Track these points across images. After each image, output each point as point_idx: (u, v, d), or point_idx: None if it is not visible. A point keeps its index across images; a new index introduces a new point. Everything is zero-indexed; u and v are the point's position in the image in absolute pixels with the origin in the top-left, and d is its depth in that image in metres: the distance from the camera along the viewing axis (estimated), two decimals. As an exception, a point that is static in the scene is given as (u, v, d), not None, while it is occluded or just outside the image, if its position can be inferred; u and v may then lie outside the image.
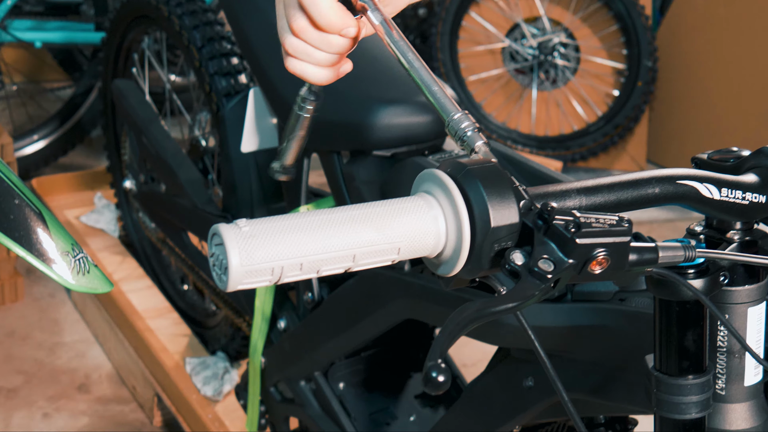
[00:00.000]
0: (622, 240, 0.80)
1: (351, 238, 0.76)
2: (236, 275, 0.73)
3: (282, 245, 0.74)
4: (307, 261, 0.75)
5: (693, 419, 0.99)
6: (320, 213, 0.77)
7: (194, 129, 2.43)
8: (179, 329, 2.53)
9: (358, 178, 1.54)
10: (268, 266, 0.74)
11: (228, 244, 0.73)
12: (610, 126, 4.26)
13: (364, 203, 0.80)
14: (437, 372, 0.71)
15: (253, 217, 2.03)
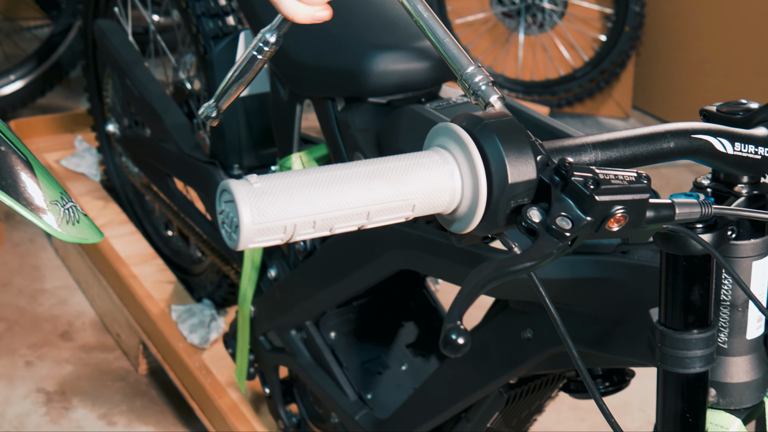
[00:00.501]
0: (641, 197, 0.77)
1: (365, 194, 0.73)
2: (248, 233, 0.70)
3: (295, 202, 0.71)
4: (320, 218, 0.72)
5: (696, 373, 0.98)
6: (333, 168, 0.74)
7: (179, 72, 2.37)
8: (164, 276, 2.49)
9: (353, 125, 1.50)
10: (280, 224, 0.71)
11: (239, 201, 0.70)
12: (597, 71, 4.22)
13: (378, 158, 0.76)
14: (456, 334, 0.68)
15: (242, 163, 2.00)
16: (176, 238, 2.65)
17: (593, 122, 4.33)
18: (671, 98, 4.28)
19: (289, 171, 0.73)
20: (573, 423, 2.43)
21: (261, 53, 1.27)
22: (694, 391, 1.01)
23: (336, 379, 1.73)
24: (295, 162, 1.65)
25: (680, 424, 1.02)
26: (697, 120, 0.97)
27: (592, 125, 4.30)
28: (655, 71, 4.30)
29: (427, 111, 1.41)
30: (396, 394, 1.74)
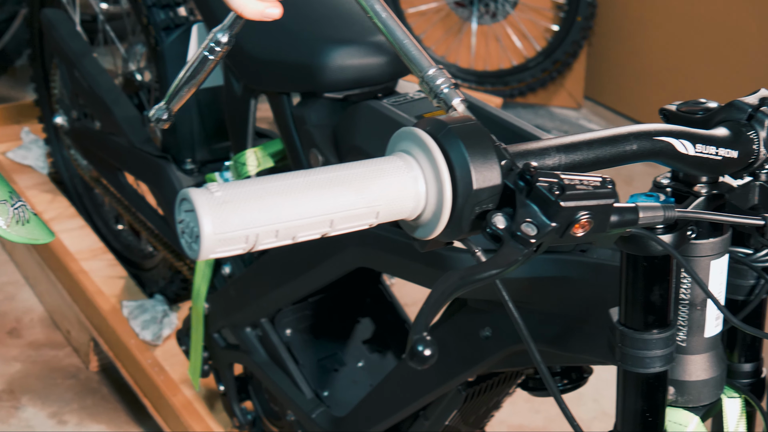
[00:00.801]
0: (606, 202, 0.76)
1: (329, 202, 0.72)
2: (209, 244, 0.68)
3: (257, 211, 0.69)
4: (283, 227, 0.70)
5: (656, 373, 0.99)
6: (296, 175, 0.72)
7: (129, 62, 2.33)
8: (115, 271, 2.45)
9: (309, 121, 1.48)
10: (242, 234, 0.69)
11: (200, 211, 0.68)
12: (549, 62, 4.23)
13: (341, 164, 0.75)
14: (423, 345, 0.67)
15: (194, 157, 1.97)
16: (127, 232, 2.61)
17: (545, 112, 4.34)
18: (623, 88, 4.30)
19: (250, 179, 0.72)
20: (528, 415, 2.44)
21: (212, 53, 1.25)
22: (653, 391, 1.01)
23: (292, 377, 1.71)
24: (249, 157, 1.63)
25: (640, 423, 1.02)
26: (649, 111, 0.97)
27: (545, 115, 4.31)
28: (607, 61, 4.32)
29: (384, 107, 1.40)
30: (353, 391, 1.73)
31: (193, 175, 1.96)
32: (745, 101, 0.98)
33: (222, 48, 1.22)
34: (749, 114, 0.97)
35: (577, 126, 4.24)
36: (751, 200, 1.04)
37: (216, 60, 1.24)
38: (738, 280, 1.10)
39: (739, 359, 1.15)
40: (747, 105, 0.97)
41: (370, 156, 1.38)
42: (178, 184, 1.92)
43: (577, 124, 4.26)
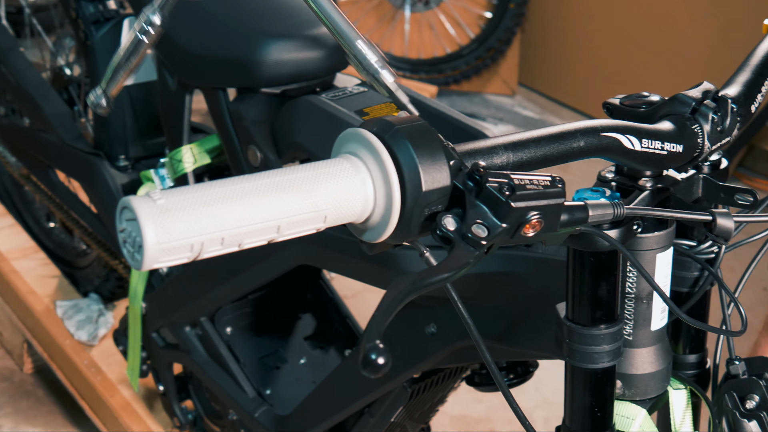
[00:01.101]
0: (556, 202, 0.75)
1: (275, 207, 0.70)
2: (152, 254, 0.66)
3: (201, 218, 0.67)
4: (229, 234, 0.68)
5: (604, 368, 0.98)
6: (241, 180, 0.70)
7: (58, 57, 2.27)
8: (47, 270, 2.40)
9: (247, 117, 1.45)
10: (187, 242, 0.66)
11: (142, 220, 0.65)
12: (483, 49, 4.24)
13: (286, 168, 0.72)
14: (376, 353, 0.66)
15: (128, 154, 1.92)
16: (59, 229, 2.55)
17: (480, 100, 4.35)
18: (556, 75, 4.32)
19: (194, 185, 0.69)
20: (470, 405, 2.44)
21: (146, 36, 1.22)
22: (601, 385, 1.01)
23: (233, 376, 1.68)
24: (185, 154, 1.59)
25: (589, 419, 1.02)
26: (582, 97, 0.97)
27: (479, 103, 4.32)
28: (540, 48, 4.33)
29: (323, 102, 1.37)
30: (296, 388, 1.71)
31: (127, 172, 1.92)
32: (689, 95, 0.98)
33: (155, 30, 1.18)
34: (693, 107, 0.96)
35: (512, 113, 4.25)
36: (695, 193, 1.04)
37: (149, 44, 1.20)
38: (682, 272, 1.10)
39: (683, 350, 1.15)
40: (690, 98, 0.97)
41: (310, 152, 1.36)
42: (112, 181, 1.88)
43: (512, 111, 4.27)
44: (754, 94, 1.02)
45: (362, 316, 1.91)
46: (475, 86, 4.36)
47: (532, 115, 4.24)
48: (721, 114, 0.96)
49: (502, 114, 4.22)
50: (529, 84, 4.44)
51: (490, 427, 2.38)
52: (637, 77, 3.95)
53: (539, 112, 4.28)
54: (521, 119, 4.18)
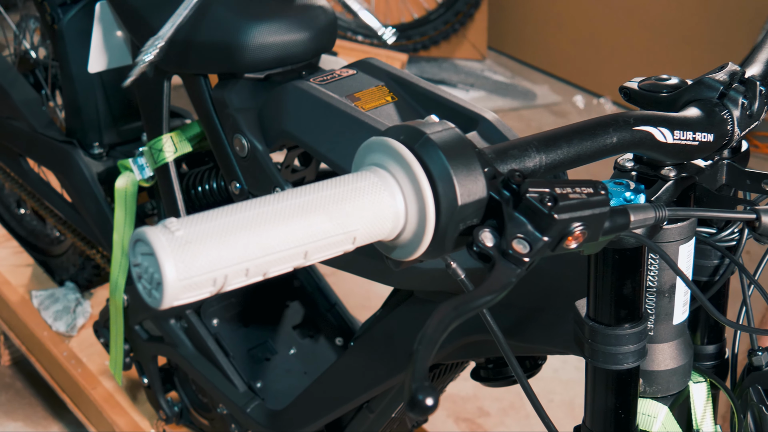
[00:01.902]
0: (601, 211, 0.70)
1: (302, 231, 0.63)
2: (173, 291, 0.59)
3: (224, 249, 0.60)
4: (253, 265, 0.62)
5: (628, 368, 0.94)
6: (264, 203, 0.64)
7: (22, 40, 2.18)
8: (21, 259, 2.32)
9: (231, 104, 1.38)
10: (209, 277, 0.60)
11: (160, 255, 0.59)
12: (451, 13, 4.17)
13: (311, 186, 0.66)
14: (424, 394, 0.60)
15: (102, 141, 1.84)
16: (30, 216, 2.47)
17: (450, 65, 4.29)
18: (526, 37, 4.27)
19: (212, 210, 0.63)
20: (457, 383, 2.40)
21: None
22: (625, 386, 0.97)
23: (222, 369, 1.63)
24: (166, 143, 1.53)
25: (612, 420, 0.98)
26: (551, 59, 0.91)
27: (449, 69, 4.26)
28: (509, 11, 4.27)
29: (312, 87, 1.31)
30: (287, 380, 1.66)
31: (102, 160, 1.85)
32: (715, 78, 0.93)
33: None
34: (721, 92, 0.91)
35: (483, 78, 4.19)
36: (719, 180, 0.99)
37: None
38: (702, 261, 1.06)
39: (702, 341, 1.11)
40: (718, 82, 0.92)
41: (301, 141, 1.30)
42: (87, 170, 1.81)
43: (482, 75, 4.21)
44: (776, 72, 0.97)
45: (343, 294, 1.86)
46: (444, 52, 4.29)
47: (503, 79, 4.19)
48: (749, 97, 0.91)
49: (473, 79, 4.16)
50: (498, 48, 4.38)
51: (478, 406, 2.35)
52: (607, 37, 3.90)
53: (510, 76, 4.22)
54: (492, 84, 4.13)
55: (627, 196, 0.89)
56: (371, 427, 1.43)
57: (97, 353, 2.07)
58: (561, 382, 2.43)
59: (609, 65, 3.89)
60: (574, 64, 4.09)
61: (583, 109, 3.95)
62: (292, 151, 1.41)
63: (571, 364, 2.49)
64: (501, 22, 4.30)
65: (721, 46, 3.55)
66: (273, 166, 1.34)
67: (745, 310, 1.03)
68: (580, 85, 4.09)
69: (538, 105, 3.99)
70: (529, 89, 4.10)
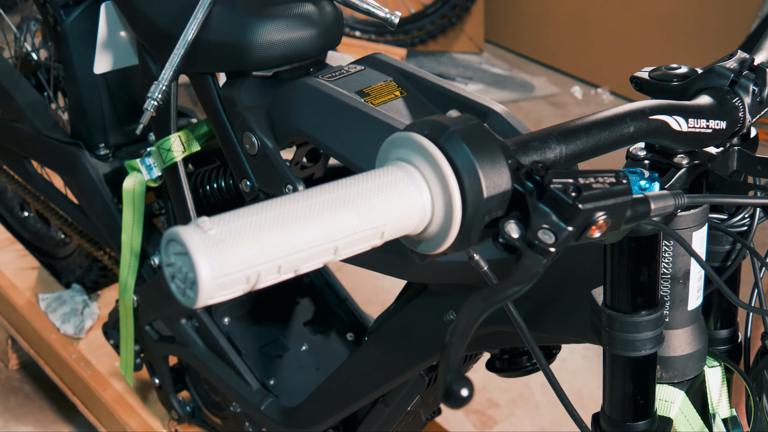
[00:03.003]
0: (624, 200, 0.71)
1: (332, 227, 0.64)
2: (208, 290, 0.60)
3: (257, 247, 0.61)
4: (286, 262, 0.63)
5: (646, 355, 0.95)
6: (294, 200, 0.64)
7: (23, 42, 2.18)
8: (26, 262, 2.32)
9: (240, 103, 1.38)
10: (243, 275, 0.61)
11: (195, 254, 0.59)
12: (448, 7, 4.17)
13: (338, 182, 0.67)
14: (459, 385, 0.61)
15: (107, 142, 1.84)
16: (34, 218, 2.47)
17: (447, 59, 4.29)
18: (523, 29, 4.27)
19: (244, 209, 0.63)
20: (465, 374, 2.41)
21: None
22: (643, 373, 0.98)
23: (235, 368, 1.63)
24: (174, 143, 1.53)
25: (630, 406, 0.99)
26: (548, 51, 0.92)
27: (447, 62, 4.26)
28: (505, 3, 4.28)
29: (321, 84, 1.31)
30: (300, 376, 1.66)
31: (108, 161, 1.85)
32: (726, 66, 0.93)
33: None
34: (732, 80, 0.92)
35: (481, 71, 4.20)
36: (731, 166, 1.00)
37: None
38: (713, 247, 1.07)
39: (715, 326, 1.12)
40: (728, 70, 0.93)
41: (312, 137, 1.30)
42: (93, 171, 1.81)
43: (480, 68, 4.22)
44: (786, 60, 0.98)
45: (351, 288, 1.86)
46: (442, 45, 4.30)
47: (501, 71, 4.19)
48: (760, 84, 0.92)
49: (471, 72, 4.16)
50: (495, 40, 4.39)
51: (487, 398, 2.36)
52: (603, 27, 3.91)
53: (507, 68, 4.23)
54: (490, 76, 4.13)
55: (642, 184, 0.89)
56: (387, 421, 1.43)
57: (107, 355, 2.08)
58: (569, 371, 2.44)
59: (606, 55, 3.90)
60: (571, 55, 4.10)
61: (581, 99, 3.95)
62: (302, 148, 1.42)
63: (578, 354, 2.50)
64: (497, 15, 4.30)
65: (717, 35, 3.56)
66: (283, 163, 1.35)
67: (756, 292, 1.04)
68: (577, 76, 4.09)
69: (536, 96, 3.99)
70: (527, 81, 4.10)
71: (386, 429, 1.44)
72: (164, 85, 1.39)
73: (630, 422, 0.99)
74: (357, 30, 4.14)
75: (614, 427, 1.00)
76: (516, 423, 2.29)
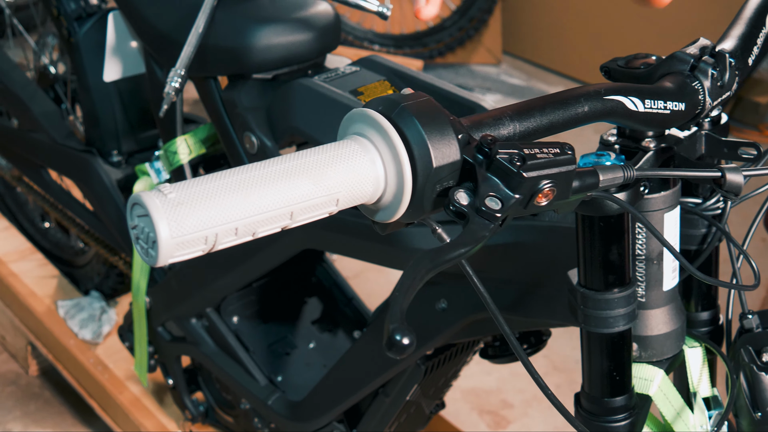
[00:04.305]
0: (567, 169, 0.75)
1: (287, 193, 0.69)
2: (167, 249, 0.65)
3: (214, 210, 0.66)
4: (242, 224, 0.67)
5: (620, 331, 0.98)
6: (251, 169, 0.69)
7: (41, 56, 2.25)
8: (46, 271, 2.38)
9: (240, 104, 1.44)
10: (201, 235, 0.66)
11: (154, 215, 0.64)
12: (465, 19, 4.22)
13: (295, 153, 0.72)
14: (401, 334, 0.65)
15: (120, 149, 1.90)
16: (54, 229, 2.54)
17: (466, 71, 4.33)
18: (540, 40, 4.31)
19: (204, 176, 0.68)
20: (480, 377, 2.44)
21: None
22: (618, 349, 1.01)
23: (243, 365, 1.68)
24: (180, 146, 1.58)
25: (608, 383, 1.02)
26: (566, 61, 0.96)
27: (465, 74, 4.31)
28: (522, 14, 4.32)
29: (318, 85, 1.36)
30: (307, 373, 1.70)
31: (121, 167, 1.91)
32: (686, 52, 0.97)
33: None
34: (692, 65, 0.96)
35: (499, 82, 4.24)
36: (699, 150, 1.03)
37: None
38: (689, 230, 1.10)
39: (696, 308, 1.15)
40: (689, 56, 0.96)
41: (309, 135, 1.35)
42: (107, 177, 1.87)
43: (498, 79, 4.26)
44: (750, 47, 1.01)
45: (366, 295, 1.90)
46: (460, 57, 4.34)
47: (519, 82, 4.23)
48: (720, 69, 0.96)
49: (489, 84, 4.21)
50: (513, 51, 4.42)
51: (501, 399, 2.38)
52: (622, 37, 3.94)
53: (526, 79, 4.26)
54: (508, 87, 4.17)
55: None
56: (388, 412, 1.47)
57: (123, 359, 2.13)
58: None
59: (622, 64, 3.92)
60: (588, 65, 4.13)
61: (599, 108, 3.97)
62: (300, 147, 1.46)
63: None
64: (515, 26, 4.34)
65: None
66: (281, 160, 1.40)
67: (733, 272, 1.06)
68: (594, 86, 4.12)
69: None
70: (545, 91, 4.14)
71: (388, 419, 1.48)
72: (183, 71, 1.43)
73: (608, 398, 1.02)
74: (376, 44, 4.20)
75: (593, 404, 1.03)
76: (529, 423, 2.32)
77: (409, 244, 1.27)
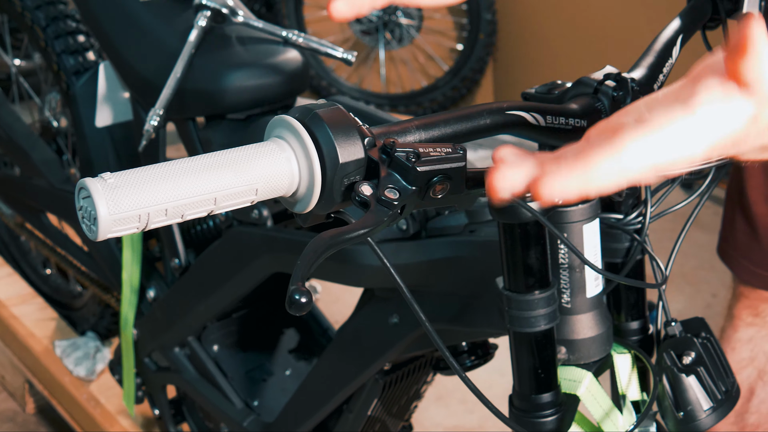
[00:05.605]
0: (457, 165, 0.86)
1: (211, 182, 0.81)
2: (105, 224, 0.77)
3: (146, 193, 0.78)
4: (171, 206, 0.79)
5: (543, 331, 1.08)
6: (181, 162, 0.81)
7: (44, 110, 2.39)
8: (45, 313, 2.50)
9: (215, 141, 1.57)
10: (134, 213, 0.78)
11: (95, 196, 0.76)
12: (458, 79, 4.37)
13: (222, 150, 0.83)
14: (299, 294, 0.76)
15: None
16: (55, 275, 2.66)
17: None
18: (530, 100, 4.44)
19: (141, 167, 0.80)
20: (463, 415, 2.52)
21: None
22: (542, 348, 1.10)
23: (222, 390, 1.78)
24: (162, 183, 1.70)
25: (534, 381, 1.11)
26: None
27: (459, 132, 4.44)
28: (513, 74, 4.46)
29: (283, 120, 1.48)
30: (282, 398, 1.80)
31: (113, 209, 2.02)
32: (592, 77, 1.09)
33: None
34: (595, 88, 1.07)
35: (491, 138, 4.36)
36: None
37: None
38: (614, 244, 1.20)
39: (626, 318, 1.25)
40: (593, 80, 1.08)
41: None
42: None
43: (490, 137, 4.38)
44: (656, 75, 1.12)
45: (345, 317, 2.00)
46: (454, 116, 4.48)
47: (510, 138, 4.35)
48: (622, 92, 1.07)
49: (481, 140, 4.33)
50: (505, 111, 4.55)
51: (479, 434, 2.46)
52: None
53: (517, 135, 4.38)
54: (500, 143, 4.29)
55: None
56: (353, 427, 1.56)
57: (115, 395, 2.23)
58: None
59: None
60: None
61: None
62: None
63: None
64: (506, 85, 4.49)
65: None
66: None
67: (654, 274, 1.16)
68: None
69: None
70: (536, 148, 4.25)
71: (353, 436, 1.57)
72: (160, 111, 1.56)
73: (535, 395, 1.12)
74: (372, 103, 4.35)
75: (523, 401, 1.13)
76: None
77: (363, 261, 1.38)
